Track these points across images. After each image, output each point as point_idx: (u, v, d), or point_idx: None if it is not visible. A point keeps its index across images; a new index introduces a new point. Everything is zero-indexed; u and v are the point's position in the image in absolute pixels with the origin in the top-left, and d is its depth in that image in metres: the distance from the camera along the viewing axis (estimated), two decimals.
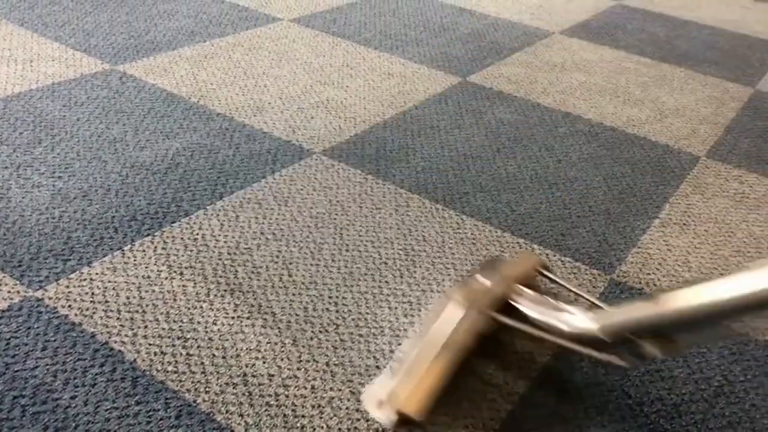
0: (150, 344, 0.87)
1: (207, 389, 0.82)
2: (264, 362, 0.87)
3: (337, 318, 0.95)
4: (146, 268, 1.01)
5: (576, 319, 0.82)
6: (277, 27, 2.01)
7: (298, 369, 0.87)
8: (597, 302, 0.87)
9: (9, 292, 0.93)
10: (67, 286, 0.96)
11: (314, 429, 0.79)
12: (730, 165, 1.48)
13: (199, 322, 0.92)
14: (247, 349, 0.89)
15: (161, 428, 0.77)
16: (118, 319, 0.91)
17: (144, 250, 1.04)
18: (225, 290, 0.98)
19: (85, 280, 0.97)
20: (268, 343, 0.90)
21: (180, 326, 0.91)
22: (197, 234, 1.09)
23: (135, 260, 1.02)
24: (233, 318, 0.93)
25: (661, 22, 2.43)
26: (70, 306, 0.92)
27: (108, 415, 0.77)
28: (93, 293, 0.95)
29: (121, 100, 1.49)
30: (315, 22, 2.07)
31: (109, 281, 0.98)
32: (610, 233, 1.21)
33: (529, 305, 0.87)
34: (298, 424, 0.79)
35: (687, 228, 1.25)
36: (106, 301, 0.94)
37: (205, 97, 1.55)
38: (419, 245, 1.12)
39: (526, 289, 0.89)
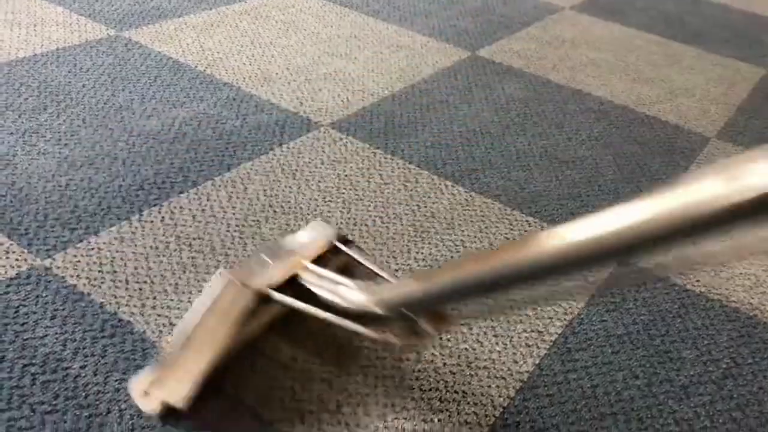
0: (158, 315, 0.87)
1: None
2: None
3: None
4: (154, 238, 1.00)
5: (352, 293, 0.75)
6: None
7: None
8: (390, 278, 0.80)
9: (17, 260, 0.93)
10: (75, 255, 0.95)
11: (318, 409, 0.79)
12: (740, 146, 1.47)
13: None
14: None
15: None
16: (126, 289, 0.90)
17: (152, 221, 1.03)
18: (234, 263, 0.98)
19: (92, 249, 0.97)
20: None
21: (189, 298, 0.90)
22: (205, 205, 1.08)
23: (143, 230, 1.01)
24: None
25: None
26: (78, 276, 0.92)
27: (118, 385, 0.77)
28: (101, 263, 0.94)
29: (127, 68, 1.47)
30: None
31: (117, 251, 0.97)
32: None
33: (313, 282, 0.80)
34: (305, 409, 0.80)
35: None
36: (114, 271, 0.93)
37: (212, 65, 1.53)
38: (428, 222, 1.11)
39: (313, 266, 0.81)
